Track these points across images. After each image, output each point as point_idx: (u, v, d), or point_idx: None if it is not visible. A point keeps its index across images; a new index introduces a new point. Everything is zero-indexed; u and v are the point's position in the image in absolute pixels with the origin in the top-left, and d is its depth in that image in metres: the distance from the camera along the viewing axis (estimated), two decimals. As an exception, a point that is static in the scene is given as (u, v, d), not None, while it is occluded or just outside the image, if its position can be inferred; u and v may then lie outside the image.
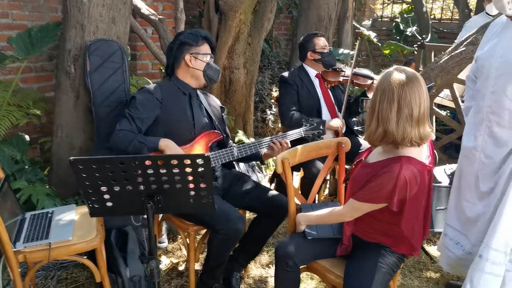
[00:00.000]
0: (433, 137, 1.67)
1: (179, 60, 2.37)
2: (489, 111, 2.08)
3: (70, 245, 2.05)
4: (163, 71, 4.13)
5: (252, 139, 4.11)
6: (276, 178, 3.47)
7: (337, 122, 3.04)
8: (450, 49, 3.25)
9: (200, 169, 1.64)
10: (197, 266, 2.56)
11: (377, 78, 3.11)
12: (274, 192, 2.43)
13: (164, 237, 2.87)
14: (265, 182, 3.91)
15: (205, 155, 1.64)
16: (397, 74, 1.62)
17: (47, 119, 3.63)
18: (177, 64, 2.39)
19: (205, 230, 2.38)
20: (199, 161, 1.62)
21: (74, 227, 2.15)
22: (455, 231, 2.31)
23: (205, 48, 2.40)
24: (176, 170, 1.64)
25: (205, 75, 2.38)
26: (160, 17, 3.56)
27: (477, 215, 2.18)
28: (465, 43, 3.14)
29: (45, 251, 2.00)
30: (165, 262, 2.74)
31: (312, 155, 2.22)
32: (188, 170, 1.64)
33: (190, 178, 1.67)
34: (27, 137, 3.27)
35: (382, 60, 7.14)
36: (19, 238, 2.06)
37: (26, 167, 3.03)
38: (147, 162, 1.61)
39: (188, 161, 1.62)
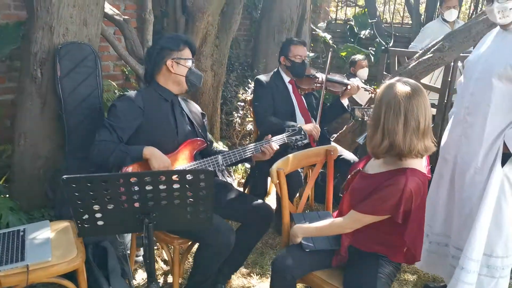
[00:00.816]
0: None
1: (159, 66, 2.27)
2: (466, 113, 2.16)
3: (50, 267, 1.88)
4: (127, 73, 3.95)
5: (220, 143, 4.04)
6: (249, 183, 3.43)
7: (311, 126, 3.03)
8: (417, 55, 3.34)
9: (201, 184, 1.57)
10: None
11: (350, 83, 3.15)
12: (259, 201, 2.38)
13: (140, 250, 2.74)
14: (234, 186, 3.85)
15: (209, 170, 1.57)
16: (402, 86, 1.63)
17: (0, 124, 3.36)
18: (157, 69, 2.28)
19: (189, 242, 2.30)
20: (202, 176, 1.55)
21: (51, 246, 1.99)
22: (426, 225, 2.40)
23: (187, 53, 2.30)
24: (176, 186, 1.56)
25: (187, 80, 2.29)
26: (125, 17, 3.40)
27: (449, 214, 2.29)
28: (432, 49, 3.24)
29: (22, 274, 1.83)
30: (142, 276, 2.61)
31: (303, 163, 2.20)
32: (189, 185, 1.57)
33: (190, 193, 1.60)
34: (-20, 145, 3.01)
35: (336, 62, 7.25)
36: (-10, 261, 1.87)
37: (-18, 178, 2.79)
38: (147, 178, 1.52)
39: (190, 177, 1.55)
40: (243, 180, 4.01)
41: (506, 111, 2.03)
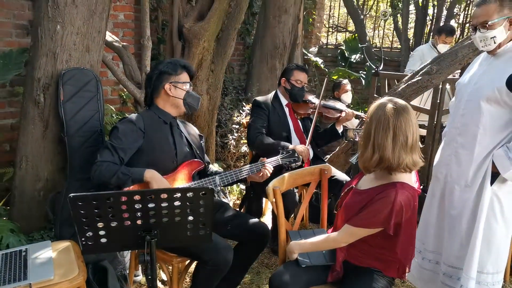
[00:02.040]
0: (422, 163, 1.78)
1: (158, 89, 2.36)
2: (457, 133, 2.24)
3: (53, 285, 1.92)
4: (124, 97, 4.04)
5: (216, 165, 4.11)
6: (245, 203, 3.49)
7: (302, 147, 3.10)
8: (406, 78, 3.48)
9: (201, 201, 1.64)
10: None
11: (345, 110, 3.25)
12: (255, 220, 2.45)
13: (139, 269, 2.77)
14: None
15: (210, 187, 1.64)
16: (390, 104, 1.74)
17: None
18: (156, 93, 2.37)
19: (187, 261, 2.34)
20: (203, 194, 1.62)
21: (53, 265, 2.04)
22: (419, 242, 2.46)
23: (185, 76, 2.41)
24: (177, 203, 1.63)
25: (185, 103, 2.39)
26: (124, 43, 3.51)
27: (440, 231, 2.35)
28: (420, 72, 3.37)
29: (26, 293, 1.87)
30: (140, 296, 2.65)
31: (298, 182, 2.28)
32: (190, 203, 1.64)
33: (190, 211, 1.66)
34: (-20, 168, 3.07)
35: (327, 85, 7.40)
36: (-6, 280, 1.91)
37: (-18, 201, 2.83)
38: (150, 196, 1.58)
39: (191, 194, 1.62)
40: (238, 202, 4.08)
41: (494, 132, 2.11)
